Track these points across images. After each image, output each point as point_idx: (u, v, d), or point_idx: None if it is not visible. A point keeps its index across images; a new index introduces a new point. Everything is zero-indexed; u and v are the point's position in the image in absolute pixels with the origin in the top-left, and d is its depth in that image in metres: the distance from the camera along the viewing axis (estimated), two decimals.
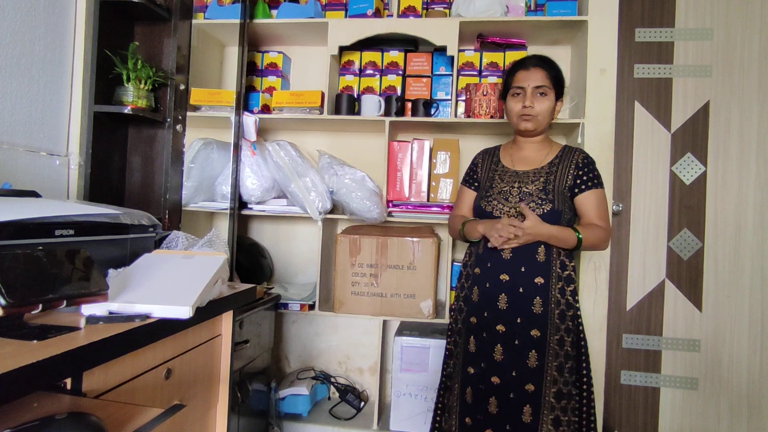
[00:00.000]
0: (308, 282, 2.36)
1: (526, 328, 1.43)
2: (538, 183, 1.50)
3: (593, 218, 1.48)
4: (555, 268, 1.46)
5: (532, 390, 1.41)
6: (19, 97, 1.57)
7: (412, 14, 2.13)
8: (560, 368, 1.42)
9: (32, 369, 0.65)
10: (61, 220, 1.02)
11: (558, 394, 1.41)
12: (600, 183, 1.51)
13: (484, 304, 1.49)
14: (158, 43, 1.95)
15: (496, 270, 1.47)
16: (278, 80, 2.30)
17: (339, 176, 2.00)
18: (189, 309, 0.93)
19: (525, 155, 1.59)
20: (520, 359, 1.43)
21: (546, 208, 1.45)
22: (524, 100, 1.50)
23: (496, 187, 1.55)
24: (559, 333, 1.43)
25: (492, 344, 1.46)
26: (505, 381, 1.43)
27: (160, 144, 1.95)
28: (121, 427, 0.71)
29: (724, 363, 2.03)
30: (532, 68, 1.51)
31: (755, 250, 2.02)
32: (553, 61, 1.55)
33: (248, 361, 1.79)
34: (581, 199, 1.50)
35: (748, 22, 2.02)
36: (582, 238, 1.43)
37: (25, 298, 0.77)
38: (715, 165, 2.05)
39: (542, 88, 1.50)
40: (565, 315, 1.44)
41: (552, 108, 1.52)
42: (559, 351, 1.42)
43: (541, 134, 1.58)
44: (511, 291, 1.45)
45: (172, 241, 1.32)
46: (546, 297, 1.44)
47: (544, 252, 1.45)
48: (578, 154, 1.54)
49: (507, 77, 1.58)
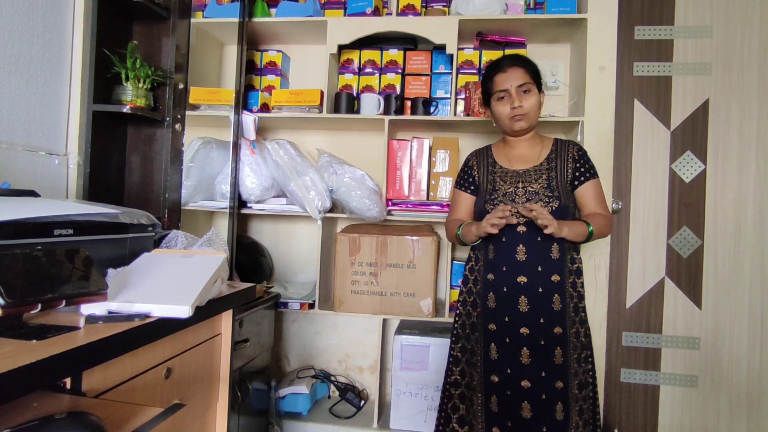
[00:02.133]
0: (308, 281, 2.36)
1: (549, 327, 1.45)
2: (542, 181, 1.51)
3: (595, 207, 1.51)
4: (567, 263, 1.48)
5: (561, 387, 1.43)
6: (17, 97, 1.57)
7: (411, 12, 2.13)
8: (578, 360, 1.46)
9: (31, 369, 0.65)
10: (60, 219, 1.02)
11: (580, 385, 1.45)
12: (595, 172, 1.54)
13: (503, 310, 1.48)
14: (157, 42, 1.95)
15: (513, 273, 1.47)
16: (277, 79, 2.30)
17: (338, 175, 2.00)
18: (188, 308, 0.93)
19: (520, 153, 1.58)
20: (547, 358, 1.44)
21: (554, 205, 1.46)
22: (512, 102, 1.49)
23: (499, 189, 1.54)
24: (575, 326, 1.47)
25: (517, 348, 1.46)
26: (536, 383, 1.44)
27: (159, 143, 1.94)
28: (120, 426, 0.71)
29: (724, 360, 2.04)
30: (509, 69, 1.51)
31: (755, 248, 2.02)
32: (526, 57, 1.56)
33: (248, 360, 1.79)
34: (581, 190, 1.52)
35: (747, 20, 2.02)
36: (593, 229, 1.45)
37: (25, 297, 0.76)
38: (715, 163, 2.05)
39: (525, 86, 1.50)
40: (578, 307, 1.48)
41: (538, 102, 1.53)
42: (577, 343, 1.47)
43: (532, 131, 1.58)
44: (531, 292, 1.45)
45: (172, 240, 1.32)
46: (563, 293, 1.46)
47: (557, 249, 1.47)
48: (572, 147, 1.56)
49: (485, 83, 1.57)
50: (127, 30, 1.94)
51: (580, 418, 1.43)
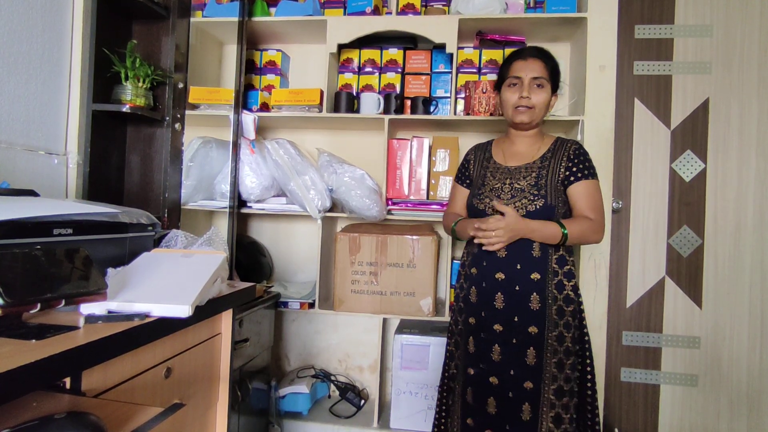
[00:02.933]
0: (308, 280, 2.35)
1: (523, 326, 1.41)
2: (530, 178, 1.47)
3: (584, 209, 1.44)
4: (551, 263, 1.43)
5: (530, 387, 1.39)
6: (16, 96, 1.57)
7: (411, 12, 2.12)
8: (560, 365, 1.40)
9: (31, 368, 0.64)
10: (60, 219, 1.02)
11: (558, 391, 1.39)
12: (592, 174, 1.46)
13: (481, 304, 1.47)
14: (156, 42, 1.94)
15: (492, 269, 1.45)
16: (277, 78, 2.29)
17: (338, 174, 2.00)
18: (188, 308, 0.93)
19: (517, 150, 1.55)
20: (518, 357, 1.41)
21: (538, 203, 1.42)
22: (521, 91, 1.45)
23: (488, 184, 1.52)
24: (558, 329, 1.40)
25: (490, 344, 1.44)
26: (503, 381, 1.42)
27: (159, 142, 1.94)
28: (120, 426, 0.70)
29: (724, 360, 2.04)
30: (529, 59, 1.47)
31: (755, 247, 2.02)
32: (550, 53, 1.51)
33: (248, 359, 1.78)
34: (572, 190, 1.45)
35: (747, 19, 2.02)
36: (567, 232, 1.38)
37: (24, 297, 0.76)
38: (715, 162, 2.04)
39: (539, 80, 1.45)
40: (563, 310, 1.41)
41: (548, 101, 1.49)
42: (558, 347, 1.40)
43: (535, 128, 1.54)
44: (507, 289, 1.43)
45: (171, 239, 1.32)
46: (543, 293, 1.41)
47: (539, 247, 1.42)
48: (570, 145, 1.50)
49: (502, 67, 1.54)
50: (126, 29, 1.93)
51: (556, 426, 1.37)
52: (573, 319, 1.42)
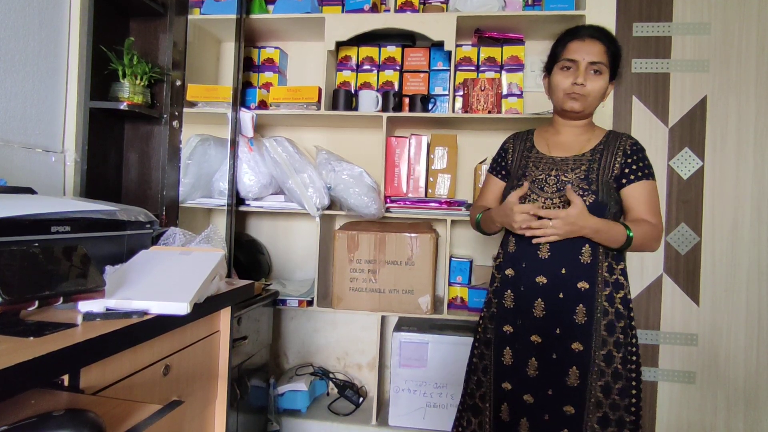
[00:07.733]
0: (306, 278, 2.35)
1: (565, 341, 1.24)
2: (579, 171, 1.29)
3: (643, 213, 1.27)
4: (602, 271, 1.26)
5: (571, 413, 1.23)
6: (13, 94, 1.56)
7: (409, 9, 2.12)
8: (607, 389, 1.23)
9: (29, 366, 0.64)
10: (57, 216, 1.02)
11: (604, 420, 1.22)
12: (651, 174, 1.30)
13: (518, 311, 1.31)
14: (154, 39, 1.94)
15: (532, 271, 1.28)
16: (275, 76, 2.29)
17: (336, 172, 1.99)
18: (187, 305, 0.93)
19: (563, 140, 1.37)
20: (557, 376, 1.25)
21: (588, 199, 1.24)
22: (575, 76, 1.27)
23: (530, 175, 1.34)
24: (607, 347, 1.23)
25: (525, 357, 1.28)
26: (539, 400, 1.26)
27: (157, 140, 1.94)
28: (119, 423, 0.70)
29: (722, 357, 2.04)
30: (588, 39, 1.28)
31: (752, 245, 2.02)
32: (612, 35, 1.32)
33: (247, 357, 1.79)
34: (629, 191, 1.28)
35: (745, 17, 2.02)
36: (633, 235, 1.22)
37: (22, 294, 0.76)
38: (713, 159, 2.05)
39: (598, 65, 1.27)
40: (614, 326, 1.24)
41: (604, 89, 1.30)
42: (606, 369, 1.23)
43: (586, 118, 1.36)
44: (549, 296, 1.26)
45: (170, 237, 1.32)
46: (591, 305, 1.24)
47: (589, 252, 1.25)
48: (626, 140, 1.33)
49: (555, 47, 1.34)
50: (123, 26, 1.93)
51: None
52: (624, 337, 1.25)
